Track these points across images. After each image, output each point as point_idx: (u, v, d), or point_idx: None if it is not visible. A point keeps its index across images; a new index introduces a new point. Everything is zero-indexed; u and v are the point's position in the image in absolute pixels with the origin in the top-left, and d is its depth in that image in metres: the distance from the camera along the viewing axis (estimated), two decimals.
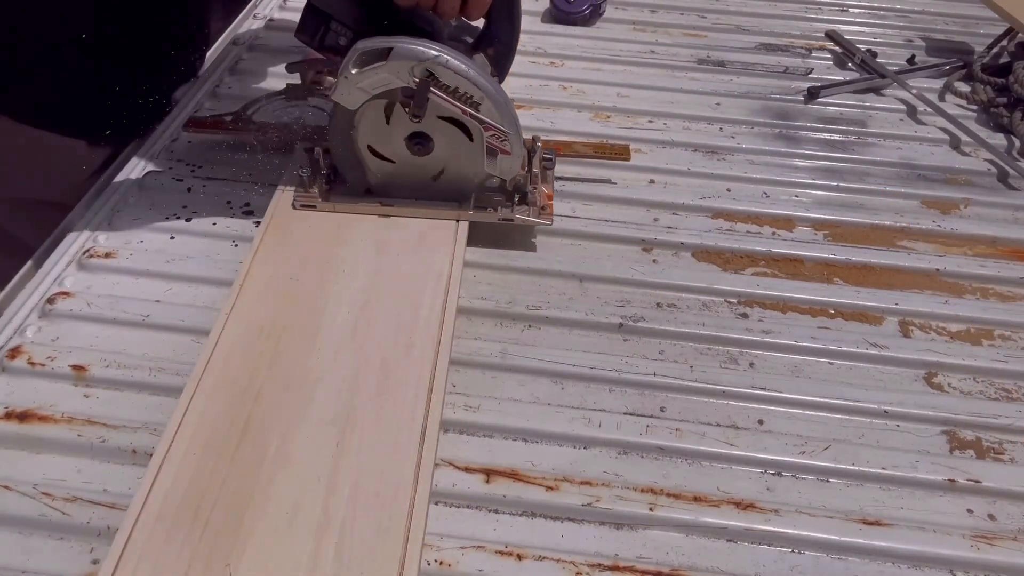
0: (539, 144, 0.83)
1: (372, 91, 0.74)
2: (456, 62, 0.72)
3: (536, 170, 0.82)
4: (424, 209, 0.81)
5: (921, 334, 0.77)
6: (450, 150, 0.78)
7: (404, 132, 0.78)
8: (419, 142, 0.78)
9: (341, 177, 0.82)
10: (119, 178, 0.90)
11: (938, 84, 1.12)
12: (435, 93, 0.73)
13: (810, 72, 1.13)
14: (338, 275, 0.75)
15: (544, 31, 1.18)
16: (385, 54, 0.72)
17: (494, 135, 0.75)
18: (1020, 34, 1.11)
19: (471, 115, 0.74)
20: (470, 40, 0.79)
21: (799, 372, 0.73)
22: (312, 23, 0.74)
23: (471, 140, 0.77)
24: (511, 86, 1.05)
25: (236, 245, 0.82)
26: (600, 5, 1.21)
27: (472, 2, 0.73)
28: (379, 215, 0.81)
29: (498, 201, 0.82)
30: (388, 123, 0.77)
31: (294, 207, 0.81)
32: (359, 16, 0.74)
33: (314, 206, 0.81)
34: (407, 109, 0.75)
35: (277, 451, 0.61)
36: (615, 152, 0.91)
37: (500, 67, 0.80)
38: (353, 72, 0.72)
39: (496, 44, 0.79)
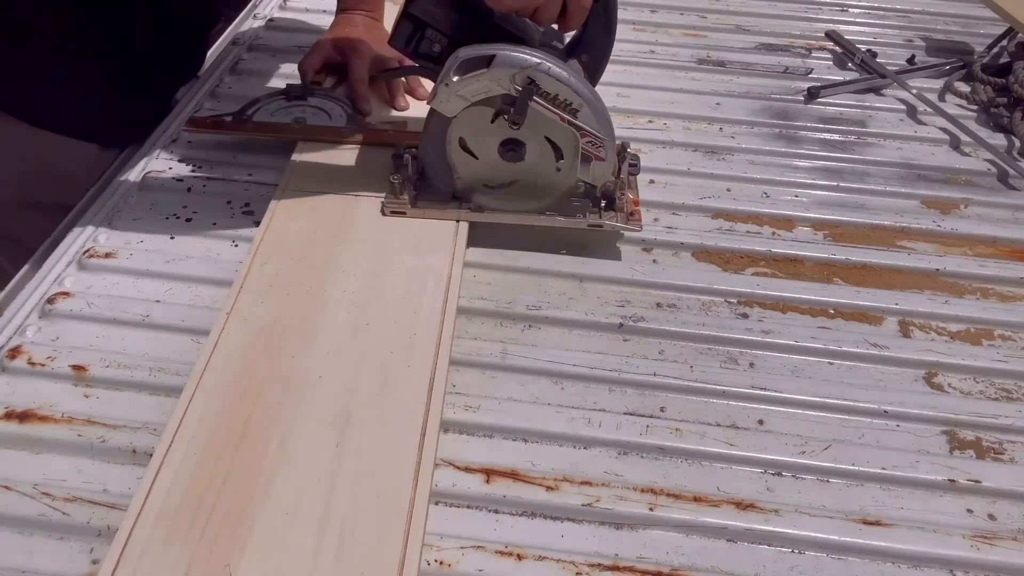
0: (629, 150, 0.83)
1: (472, 98, 0.75)
2: (558, 69, 0.73)
3: (624, 176, 0.82)
4: (511, 214, 0.81)
5: (921, 334, 0.77)
6: (541, 156, 0.78)
7: (497, 138, 0.78)
8: (512, 148, 0.78)
9: (427, 182, 0.82)
10: (119, 178, 0.90)
11: (938, 84, 1.12)
12: (535, 100, 0.73)
13: (810, 72, 1.13)
14: (338, 275, 0.75)
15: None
16: (487, 62, 0.72)
17: (590, 141, 0.75)
18: (1020, 34, 1.11)
19: (569, 122, 0.74)
20: (560, 46, 0.79)
21: (799, 372, 0.73)
22: (407, 30, 0.75)
23: (561, 148, 0.77)
24: None
25: (236, 245, 0.82)
26: None
27: (572, 11, 0.72)
28: (466, 220, 0.81)
29: (578, 206, 0.81)
30: (482, 130, 0.77)
31: (383, 213, 0.81)
32: (454, 23, 0.75)
33: (403, 212, 0.81)
34: (506, 117, 0.75)
35: (277, 451, 0.61)
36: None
37: (593, 74, 0.79)
38: (454, 79, 0.73)
39: (592, 51, 0.78)
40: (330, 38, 0.99)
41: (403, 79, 0.98)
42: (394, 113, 0.96)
